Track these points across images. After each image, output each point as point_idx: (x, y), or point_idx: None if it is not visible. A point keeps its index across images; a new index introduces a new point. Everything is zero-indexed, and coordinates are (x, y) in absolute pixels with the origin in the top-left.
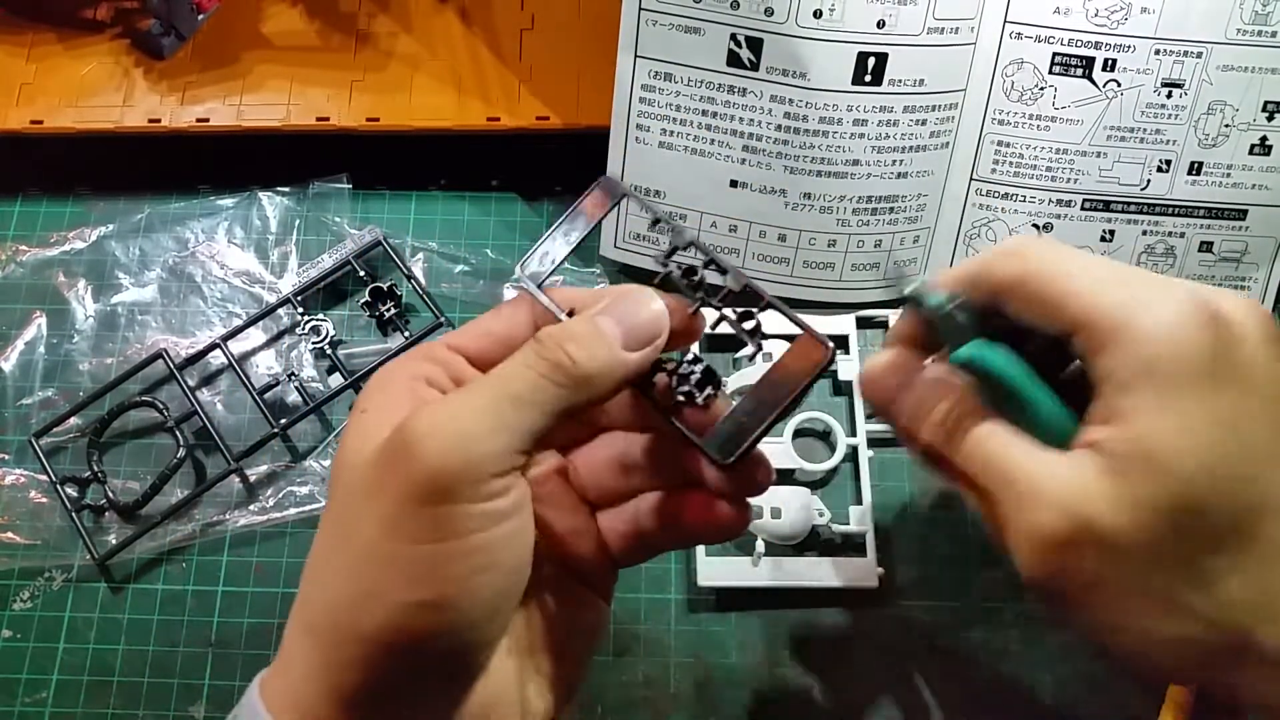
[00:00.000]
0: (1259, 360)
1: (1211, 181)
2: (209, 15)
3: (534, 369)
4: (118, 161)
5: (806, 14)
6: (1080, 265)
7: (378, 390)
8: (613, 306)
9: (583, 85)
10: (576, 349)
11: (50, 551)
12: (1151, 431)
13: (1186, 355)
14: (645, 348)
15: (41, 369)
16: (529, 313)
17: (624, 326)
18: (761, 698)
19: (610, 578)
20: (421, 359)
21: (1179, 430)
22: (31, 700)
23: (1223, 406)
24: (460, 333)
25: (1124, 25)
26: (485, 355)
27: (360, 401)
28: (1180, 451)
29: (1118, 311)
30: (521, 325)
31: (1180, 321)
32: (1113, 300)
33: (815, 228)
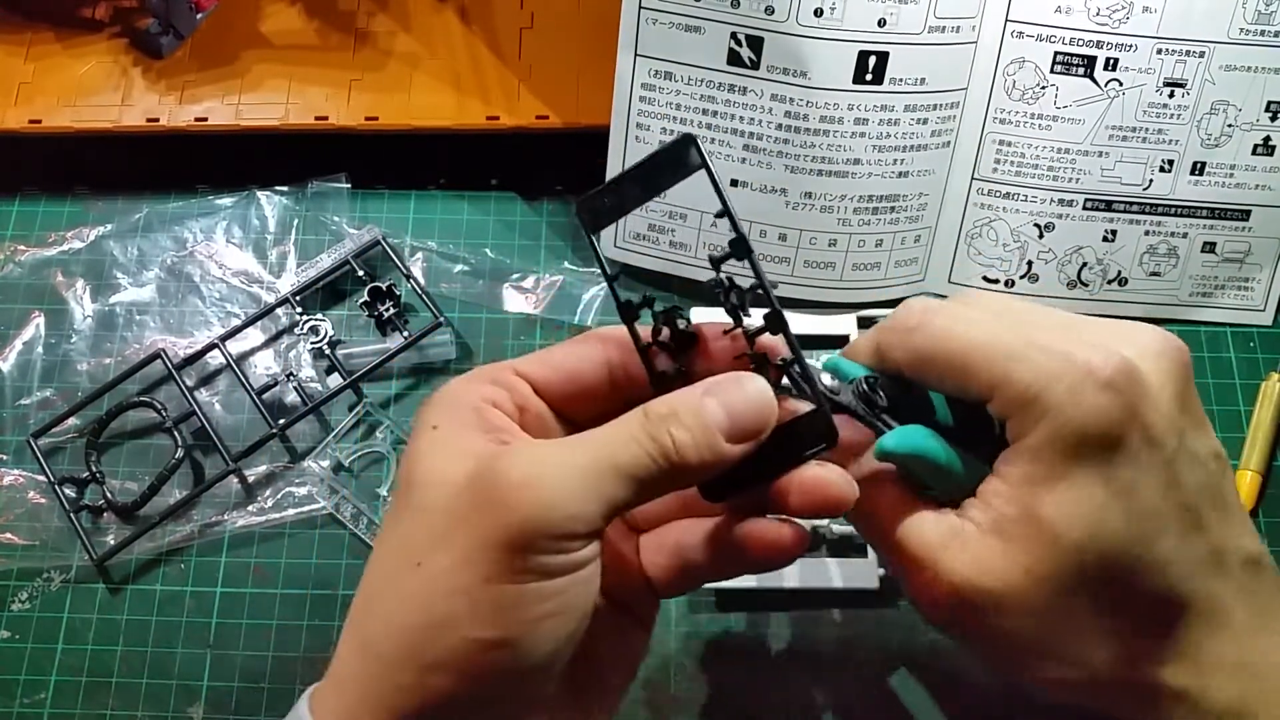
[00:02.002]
0: (1161, 412)
1: (1214, 181)
2: (207, 14)
3: (639, 444)
4: (116, 161)
5: (807, 13)
6: (980, 335)
7: (445, 407)
8: (720, 386)
9: (582, 84)
10: (683, 436)
11: (48, 552)
12: (1045, 501)
13: (1085, 428)
14: (747, 442)
15: (39, 369)
16: (602, 354)
17: (731, 418)
18: (762, 698)
19: (654, 608)
20: (488, 381)
21: (1071, 501)
22: (30, 701)
23: (1119, 475)
24: (529, 359)
25: (1126, 24)
26: (551, 388)
27: (427, 416)
28: (1070, 522)
29: (1021, 385)
30: (593, 366)
31: (1083, 393)
32: (1015, 372)
33: (816, 227)
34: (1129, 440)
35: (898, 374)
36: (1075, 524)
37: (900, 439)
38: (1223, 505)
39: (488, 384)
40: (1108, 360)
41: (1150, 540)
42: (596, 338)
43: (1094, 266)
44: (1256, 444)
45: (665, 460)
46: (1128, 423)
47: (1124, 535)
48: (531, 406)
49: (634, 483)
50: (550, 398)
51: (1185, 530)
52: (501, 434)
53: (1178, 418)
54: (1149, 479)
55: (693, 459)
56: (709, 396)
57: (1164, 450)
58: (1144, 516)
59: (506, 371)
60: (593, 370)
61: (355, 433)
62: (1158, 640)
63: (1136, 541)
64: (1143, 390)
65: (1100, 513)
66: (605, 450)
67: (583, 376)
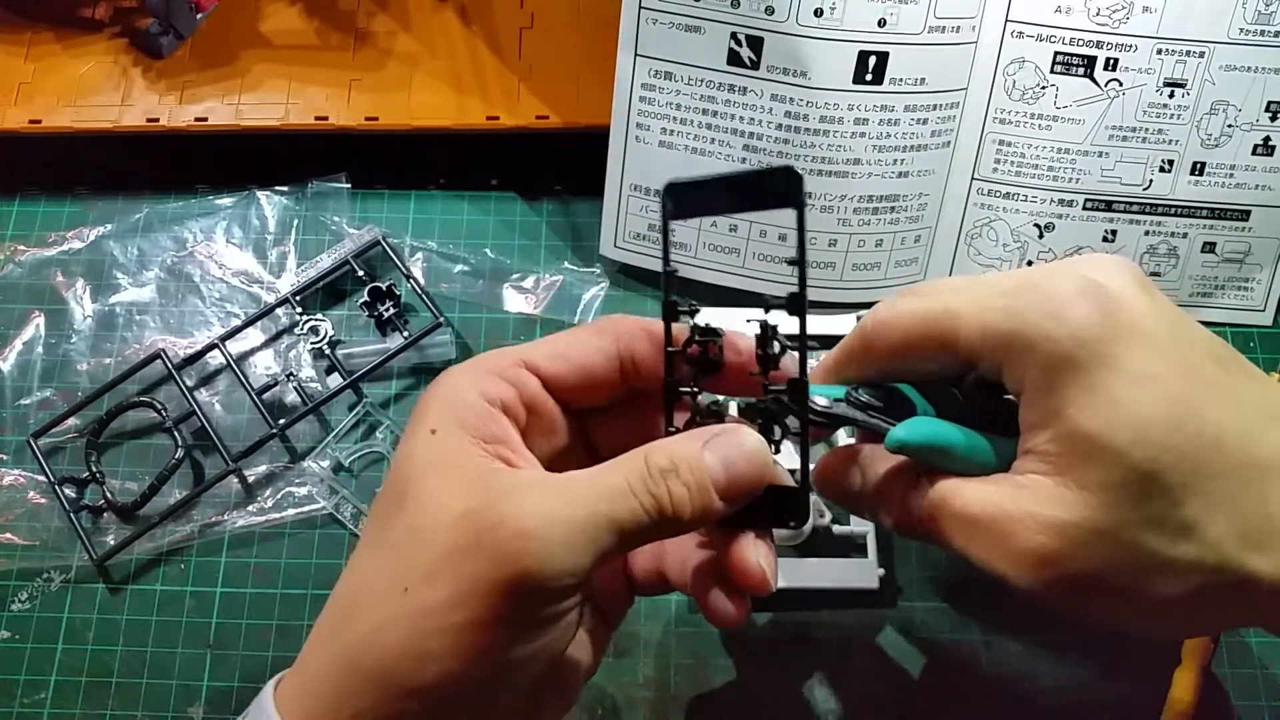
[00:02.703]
0: (1144, 310)
1: (1214, 182)
2: (207, 14)
3: (638, 499)
4: (116, 161)
5: (807, 13)
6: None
7: (446, 407)
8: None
9: (582, 84)
10: (680, 493)
11: (48, 552)
12: (1082, 420)
13: (1082, 339)
14: (738, 499)
15: (39, 369)
16: (614, 347)
17: (729, 476)
18: (762, 699)
19: (625, 607)
20: (494, 375)
21: (1105, 408)
22: (30, 701)
23: (1130, 369)
24: (535, 349)
25: (1126, 24)
26: (560, 380)
27: (426, 412)
28: (1114, 427)
29: (1002, 329)
30: (606, 359)
31: (1065, 309)
32: (993, 321)
33: (816, 227)
34: (1123, 337)
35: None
36: (1120, 425)
37: (910, 429)
38: (1248, 374)
39: (494, 379)
40: (1069, 279)
41: (1193, 417)
42: (610, 329)
43: None
44: None
45: (660, 516)
46: (1114, 323)
47: (1165, 419)
48: (540, 406)
49: (627, 536)
50: (559, 390)
51: (1222, 401)
52: (502, 447)
53: (1157, 311)
54: (1161, 365)
55: (686, 516)
56: (709, 451)
57: (1160, 340)
58: (1175, 398)
59: (515, 366)
60: (605, 363)
61: (355, 433)
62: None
63: (1179, 422)
64: (1113, 295)
65: (1133, 406)
66: (604, 505)
67: (595, 369)
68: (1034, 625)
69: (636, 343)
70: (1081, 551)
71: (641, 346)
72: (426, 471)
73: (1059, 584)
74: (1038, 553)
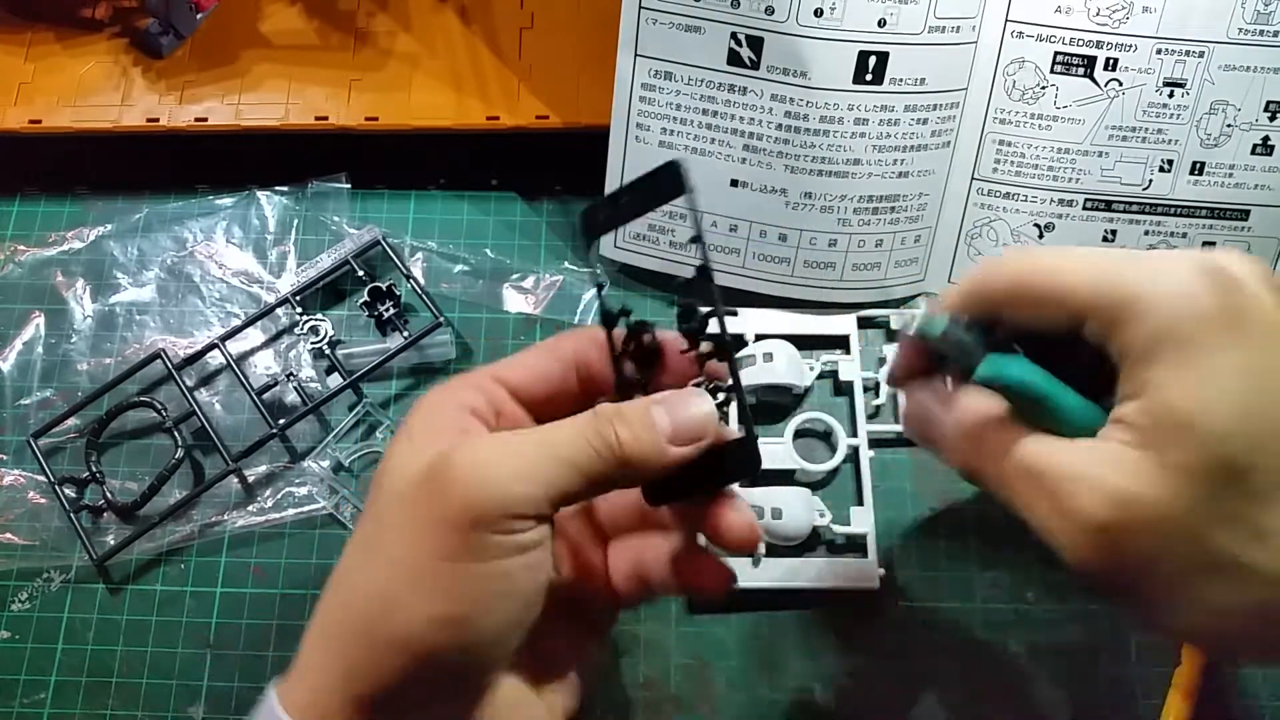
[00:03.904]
0: (1267, 309)
1: (1214, 181)
2: (207, 14)
3: (584, 437)
4: (116, 161)
5: (807, 13)
6: (1074, 256)
7: (424, 415)
8: (669, 399)
9: (582, 84)
10: (626, 432)
11: (48, 552)
12: (1178, 396)
13: (1199, 314)
14: (689, 445)
15: (40, 369)
16: (570, 356)
17: (675, 421)
18: (762, 699)
19: (612, 619)
20: (467, 386)
21: (1205, 389)
22: (30, 701)
23: (1245, 358)
24: (506, 364)
25: (1125, 24)
26: (524, 388)
27: (406, 424)
28: (1210, 410)
29: (1123, 288)
30: (563, 367)
31: (1186, 282)
32: (1116, 279)
33: (816, 227)
34: (1241, 322)
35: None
36: (1215, 408)
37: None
38: None
39: (467, 388)
40: (1193, 258)
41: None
42: (566, 339)
43: None
44: None
45: (609, 453)
46: (1234, 305)
47: (1269, 414)
48: (507, 411)
49: (578, 472)
50: (526, 401)
51: None
52: (470, 435)
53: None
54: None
55: (634, 454)
56: (656, 405)
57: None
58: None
59: (484, 377)
60: (562, 372)
61: (355, 433)
62: None
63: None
64: (1237, 279)
65: (1238, 393)
66: (550, 440)
67: (553, 378)
68: (1035, 626)
69: (586, 352)
70: (1144, 530)
71: (591, 354)
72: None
73: (1110, 560)
74: (1097, 519)
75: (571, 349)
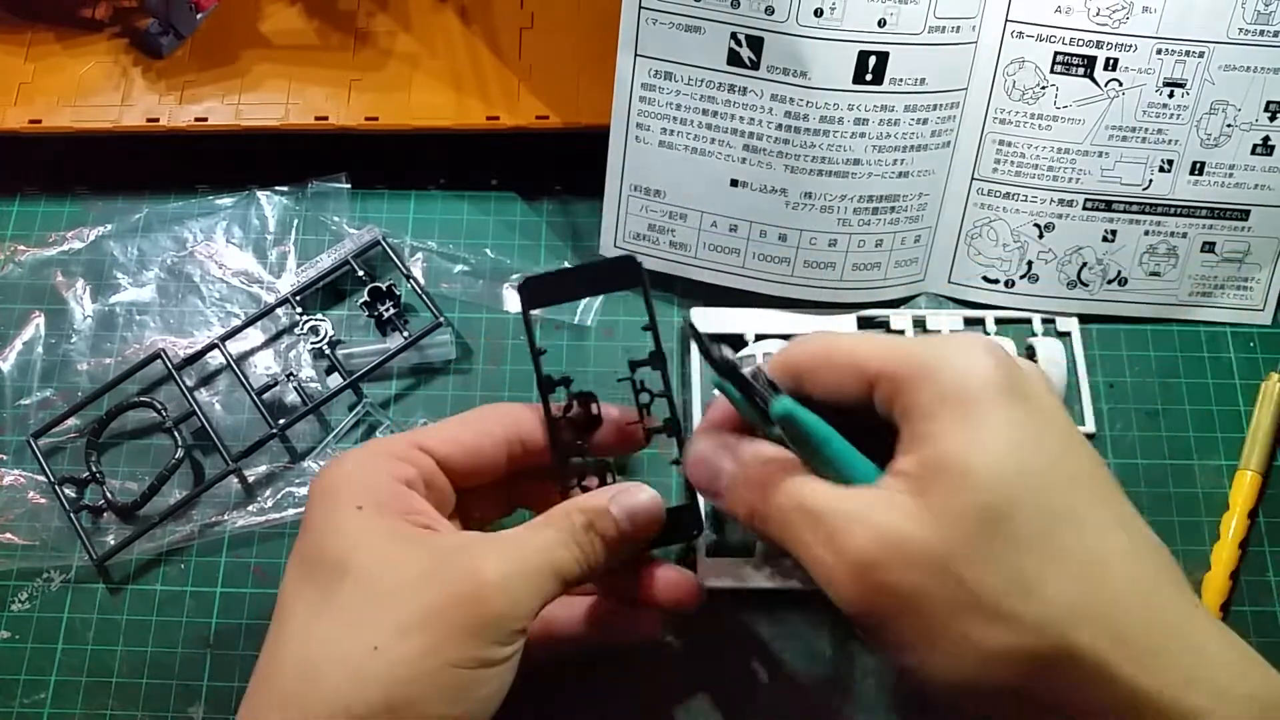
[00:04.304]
0: (1040, 390)
1: (1214, 181)
2: (207, 14)
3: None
4: (116, 161)
5: (807, 13)
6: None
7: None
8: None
9: (582, 84)
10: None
11: (48, 552)
12: (952, 446)
13: (980, 376)
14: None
15: (39, 369)
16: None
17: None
18: (762, 699)
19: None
20: (394, 458)
21: (978, 440)
22: (30, 701)
23: (1019, 419)
24: (428, 434)
25: (1126, 24)
26: (453, 463)
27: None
28: (981, 458)
29: (913, 357)
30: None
31: (970, 352)
32: (906, 351)
33: (816, 227)
34: (1018, 391)
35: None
36: (987, 457)
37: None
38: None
39: (396, 460)
40: (978, 337)
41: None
42: (496, 417)
43: (1094, 266)
44: (1256, 444)
45: (588, 564)
46: (1013, 375)
47: (1037, 466)
48: (436, 483)
49: (563, 582)
50: (451, 471)
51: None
52: (422, 517)
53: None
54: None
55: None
56: (614, 506)
57: (1050, 405)
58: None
59: (409, 449)
60: (494, 448)
61: (355, 433)
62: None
63: (1052, 476)
64: (1014, 357)
65: (1009, 446)
66: (548, 556)
67: (484, 454)
68: None
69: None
70: (905, 568)
71: (523, 429)
72: (365, 543)
73: (871, 596)
74: (864, 556)
75: (502, 430)
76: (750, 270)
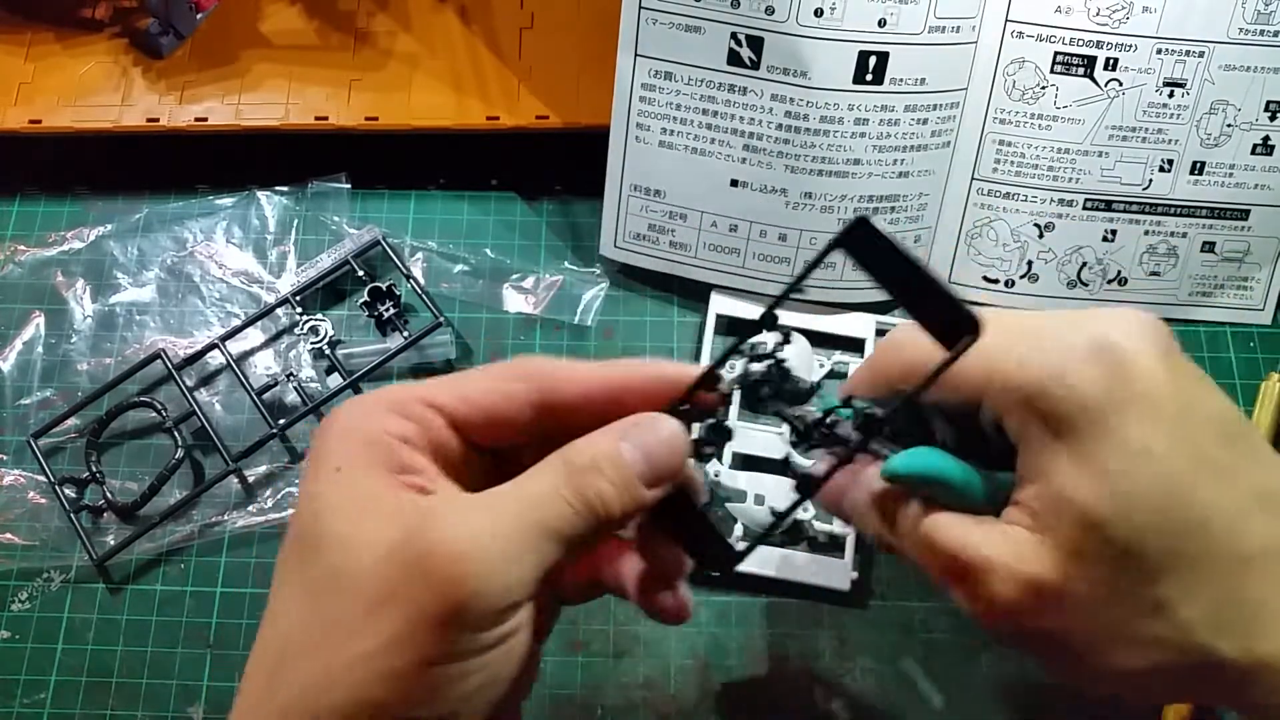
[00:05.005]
0: (1157, 378)
1: (1214, 181)
2: (207, 14)
3: (565, 499)
4: (116, 161)
5: (807, 13)
6: None
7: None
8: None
9: (582, 84)
10: (607, 489)
11: (48, 552)
12: (1066, 486)
13: (1081, 403)
14: (664, 484)
15: (40, 369)
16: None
17: (649, 464)
18: (762, 699)
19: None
20: (395, 413)
21: (1092, 478)
22: (30, 701)
23: (1129, 440)
24: (438, 387)
25: (1125, 24)
26: (464, 421)
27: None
28: (1097, 499)
29: (1008, 378)
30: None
31: (1068, 370)
32: (1000, 367)
33: (816, 227)
34: (1127, 407)
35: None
36: (1101, 496)
37: (909, 460)
38: (1252, 451)
39: (395, 416)
40: (1083, 337)
41: (1181, 497)
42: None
43: (1094, 266)
44: None
45: (589, 514)
46: (1122, 390)
47: (1151, 497)
48: (444, 443)
49: (562, 540)
50: (465, 431)
51: (1217, 481)
52: (416, 477)
53: (1171, 377)
54: (1159, 440)
55: (616, 511)
56: (626, 443)
57: (1167, 411)
58: (1167, 475)
59: (414, 403)
60: (516, 410)
61: None
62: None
63: (1167, 501)
64: (1125, 358)
65: (1121, 480)
66: (534, 513)
67: (501, 415)
68: None
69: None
70: (1048, 611)
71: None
72: (337, 510)
73: (1021, 636)
74: (1005, 604)
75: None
76: (750, 270)
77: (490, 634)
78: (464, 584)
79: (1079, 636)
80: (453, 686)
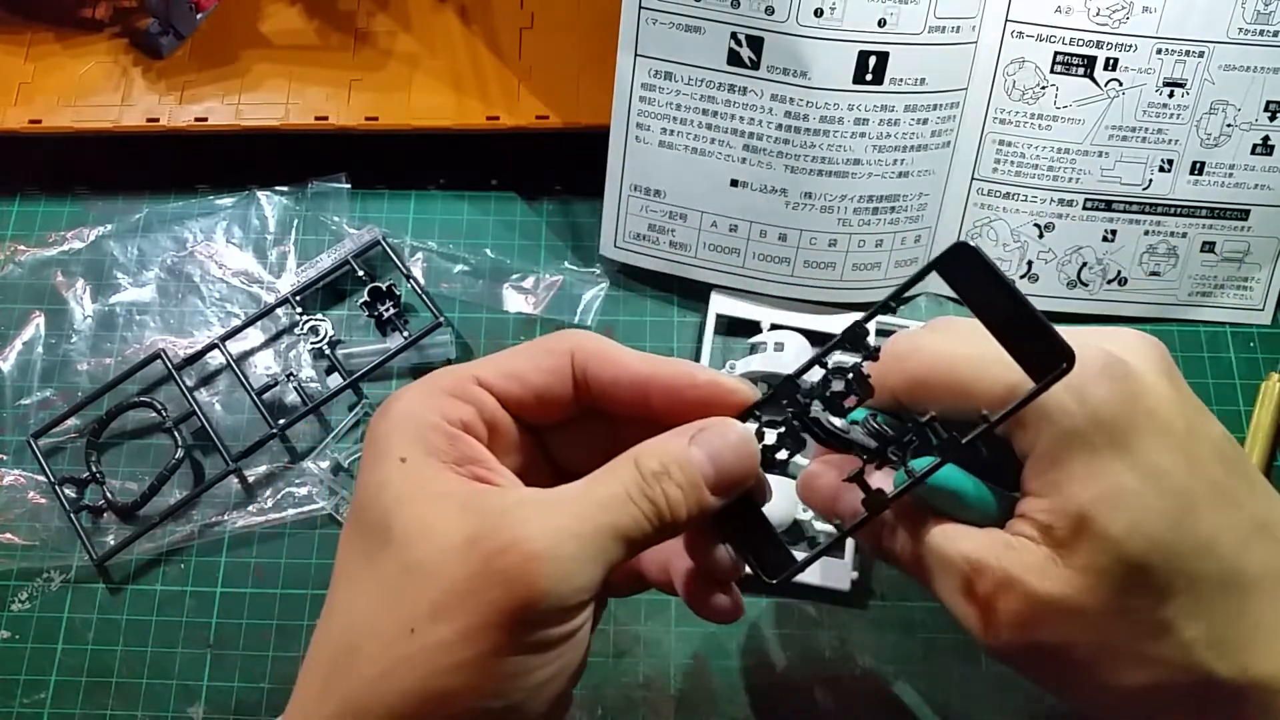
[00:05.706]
0: (1162, 398)
1: (1213, 181)
2: (207, 14)
3: (637, 506)
4: (116, 161)
5: (807, 13)
6: (972, 350)
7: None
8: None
9: (582, 84)
10: (675, 494)
11: (48, 552)
12: (1082, 501)
13: (1094, 418)
14: (732, 492)
15: (40, 369)
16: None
17: (716, 470)
18: (762, 699)
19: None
20: (451, 395)
21: (1106, 494)
22: (30, 701)
23: (1140, 460)
24: (489, 366)
25: (1125, 24)
26: (516, 401)
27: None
28: (1110, 515)
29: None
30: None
31: (1081, 386)
32: (1014, 381)
33: (816, 227)
34: (1140, 425)
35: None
36: (1117, 513)
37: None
38: (1249, 480)
39: (451, 399)
40: (1096, 355)
41: (1191, 518)
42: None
43: (1094, 266)
44: (1256, 444)
45: (656, 519)
46: (1134, 408)
47: (1164, 516)
48: (500, 423)
49: (631, 545)
50: (514, 407)
51: (1222, 505)
52: (477, 468)
53: (1178, 402)
54: (1170, 460)
55: (683, 517)
56: (696, 447)
57: (1176, 432)
58: (1178, 495)
59: (468, 383)
60: (561, 386)
61: (355, 433)
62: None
63: (1178, 521)
64: (1137, 378)
65: (1136, 498)
66: (607, 516)
67: (551, 392)
68: None
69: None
70: (1052, 626)
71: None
72: (408, 502)
73: (1023, 651)
74: (1009, 618)
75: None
76: (750, 270)
77: (559, 630)
78: (538, 583)
79: (1082, 653)
80: (521, 678)
